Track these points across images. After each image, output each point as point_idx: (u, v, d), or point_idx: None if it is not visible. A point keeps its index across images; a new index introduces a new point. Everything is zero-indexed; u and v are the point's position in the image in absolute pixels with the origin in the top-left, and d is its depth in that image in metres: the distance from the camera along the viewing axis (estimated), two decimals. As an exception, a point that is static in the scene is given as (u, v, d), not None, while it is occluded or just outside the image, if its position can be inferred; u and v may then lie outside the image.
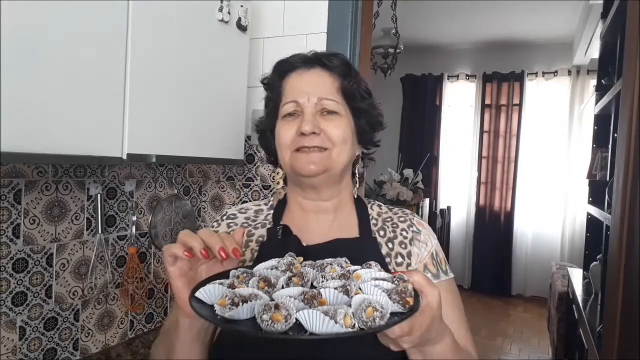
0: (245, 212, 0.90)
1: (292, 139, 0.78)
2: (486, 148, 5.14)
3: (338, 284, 0.57)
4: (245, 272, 0.61)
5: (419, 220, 0.87)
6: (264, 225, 0.87)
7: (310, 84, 0.80)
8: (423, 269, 0.82)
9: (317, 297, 0.54)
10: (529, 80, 4.92)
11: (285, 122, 0.80)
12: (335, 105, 0.79)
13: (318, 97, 0.78)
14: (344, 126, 0.79)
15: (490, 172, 5.12)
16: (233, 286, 0.57)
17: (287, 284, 0.59)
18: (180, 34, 1.21)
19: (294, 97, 0.79)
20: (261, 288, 0.57)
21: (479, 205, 5.16)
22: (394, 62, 3.70)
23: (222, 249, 0.60)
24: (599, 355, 1.59)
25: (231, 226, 0.88)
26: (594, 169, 2.35)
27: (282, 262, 0.64)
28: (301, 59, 0.82)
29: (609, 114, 2.06)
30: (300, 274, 0.60)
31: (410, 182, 3.77)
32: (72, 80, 0.94)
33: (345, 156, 0.80)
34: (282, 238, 0.80)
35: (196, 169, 1.73)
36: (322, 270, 0.63)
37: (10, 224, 1.15)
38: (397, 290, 0.55)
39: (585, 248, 2.49)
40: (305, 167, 0.77)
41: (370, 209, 0.88)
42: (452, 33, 4.79)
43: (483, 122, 5.14)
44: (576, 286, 2.43)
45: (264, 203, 0.92)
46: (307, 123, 0.76)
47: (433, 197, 5.03)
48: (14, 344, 1.17)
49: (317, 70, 0.81)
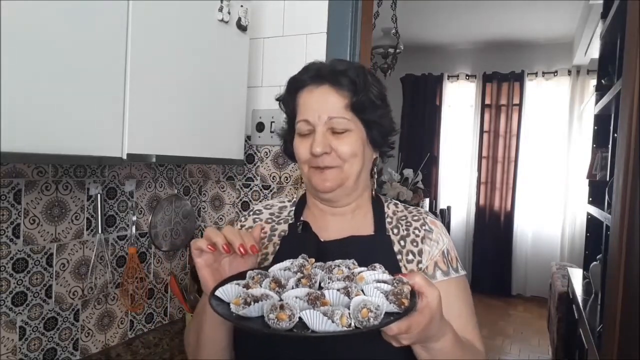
0: (270, 209, 0.97)
1: (307, 156, 0.83)
2: (486, 148, 5.14)
3: (341, 285, 0.61)
4: (260, 274, 0.67)
5: (432, 220, 0.90)
6: (286, 221, 0.93)
7: (319, 102, 0.82)
8: (434, 266, 0.85)
9: (320, 298, 0.58)
10: (529, 80, 4.93)
11: (300, 140, 0.85)
12: (345, 123, 0.81)
13: (328, 116, 0.81)
14: (354, 142, 0.82)
15: (490, 172, 5.12)
16: (248, 286, 0.63)
17: (296, 285, 0.63)
18: (180, 34, 1.20)
19: (306, 115, 0.83)
20: (272, 289, 0.62)
21: (479, 205, 5.17)
22: (394, 62, 3.70)
23: (242, 245, 0.68)
24: (599, 355, 1.59)
25: (257, 221, 0.95)
26: (594, 169, 2.35)
27: (294, 264, 0.69)
28: (311, 76, 0.84)
29: (609, 114, 2.06)
30: (309, 276, 0.65)
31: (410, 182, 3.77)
32: (72, 80, 0.94)
33: (357, 167, 0.84)
34: (302, 233, 0.87)
35: (196, 169, 1.73)
36: (329, 272, 0.67)
37: (10, 224, 1.15)
38: (393, 292, 0.59)
39: (585, 248, 2.49)
40: (321, 184, 0.83)
41: (387, 207, 0.92)
42: (452, 33, 4.79)
43: (483, 122, 5.14)
44: (576, 286, 2.43)
45: (287, 200, 0.99)
46: (318, 144, 0.80)
47: (433, 197, 5.03)
48: (14, 344, 1.17)
49: (326, 88, 0.83)
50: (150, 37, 1.11)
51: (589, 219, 2.41)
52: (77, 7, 0.94)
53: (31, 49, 0.86)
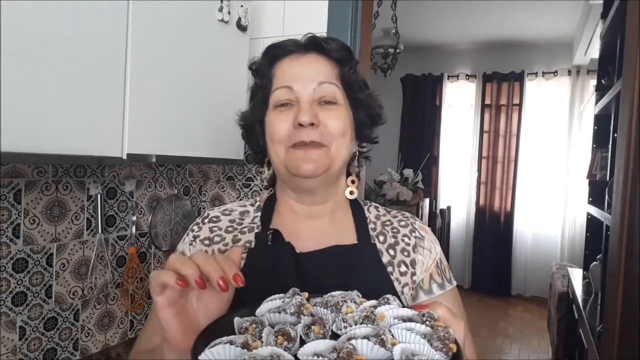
0: (230, 214, 0.81)
1: (287, 132, 0.70)
2: (486, 148, 5.14)
3: (367, 331, 0.48)
4: (254, 322, 0.51)
5: (421, 225, 0.81)
6: (251, 229, 0.77)
7: (306, 68, 0.72)
8: (429, 279, 0.76)
9: (353, 354, 0.43)
10: (529, 80, 4.92)
11: (277, 112, 0.72)
12: (336, 91, 0.72)
13: (318, 82, 0.70)
14: (343, 117, 0.72)
15: (490, 172, 5.12)
16: (247, 345, 0.46)
17: (306, 334, 0.50)
18: (180, 34, 1.21)
19: (288, 82, 0.71)
20: (280, 344, 0.47)
21: (479, 205, 5.16)
22: (394, 62, 3.70)
23: (222, 278, 0.51)
24: (599, 355, 1.59)
25: (214, 230, 0.78)
26: (594, 169, 2.35)
27: (289, 303, 0.54)
28: (295, 44, 0.74)
29: (609, 114, 2.06)
30: (320, 320, 0.50)
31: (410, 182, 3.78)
32: (72, 80, 0.94)
33: (345, 151, 0.73)
34: (273, 244, 0.72)
35: (196, 169, 1.73)
36: (338, 311, 0.53)
37: (10, 224, 1.15)
38: (438, 336, 0.47)
39: (585, 248, 2.49)
40: (303, 166, 0.69)
41: (367, 211, 0.81)
42: (452, 33, 4.79)
43: (483, 122, 5.14)
44: (576, 286, 2.43)
45: (249, 204, 0.83)
46: (305, 112, 0.68)
47: (433, 197, 5.03)
48: (14, 344, 1.17)
49: (314, 55, 0.73)
50: (150, 37, 1.11)
51: (589, 219, 2.40)
52: (77, 7, 0.94)
53: (31, 49, 0.86)
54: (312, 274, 0.69)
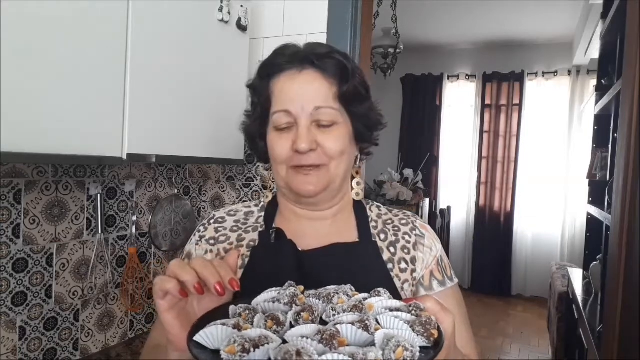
0: (235, 215, 0.84)
1: (287, 155, 0.71)
2: (486, 148, 5.14)
3: (354, 318, 0.51)
4: (247, 309, 0.55)
5: (421, 223, 0.82)
6: (255, 228, 0.80)
7: (303, 89, 0.71)
8: (429, 276, 0.77)
9: (336, 336, 0.47)
10: (529, 80, 4.92)
11: (278, 135, 0.73)
12: (333, 114, 0.71)
13: (314, 107, 0.70)
14: (342, 137, 0.72)
15: (490, 172, 5.12)
16: (239, 327, 0.50)
17: (295, 320, 0.53)
18: (180, 34, 1.21)
19: (286, 105, 0.71)
20: (269, 327, 0.51)
21: (479, 205, 5.16)
22: (394, 62, 3.70)
23: (219, 283, 0.55)
24: (599, 355, 1.59)
25: (219, 230, 0.81)
26: (594, 169, 2.35)
27: (284, 294, 0.58)
28: (288, 59, 0.72)
29: (609, 114, 2.06)
30: (309, 308, 0.54)
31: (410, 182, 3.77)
32: (72, 80, 0.94)
33: (344, 166, 0.74)
34: (276, 242, 0.75)
35: (196, 169, 1.73)
36: (329, 302, 0.57)
37: (10, 224, 1.15)
38: (420, 321, 0.49)
39: (585, 248, 2.49)
40: (304, 188, 0.72)
41: (369, 210, 0.83)
42: (452, 33, 4.79)
43: (483, 122, 5.14)
44: (576, 286, 2.43)
45: (254, 204, 0.86)
46: (303, 140, 0.69)
47: (433, 197, 5.03)
48: (14, 344, 1.17)
49: (311, 73, 0.71)
50: (150, 37, 1.11)
51: (589, 219, 2.41)
52: (77, 7, 0.94)
53: (31, 49, 0.86)
54: (314, 271, 0.70)
